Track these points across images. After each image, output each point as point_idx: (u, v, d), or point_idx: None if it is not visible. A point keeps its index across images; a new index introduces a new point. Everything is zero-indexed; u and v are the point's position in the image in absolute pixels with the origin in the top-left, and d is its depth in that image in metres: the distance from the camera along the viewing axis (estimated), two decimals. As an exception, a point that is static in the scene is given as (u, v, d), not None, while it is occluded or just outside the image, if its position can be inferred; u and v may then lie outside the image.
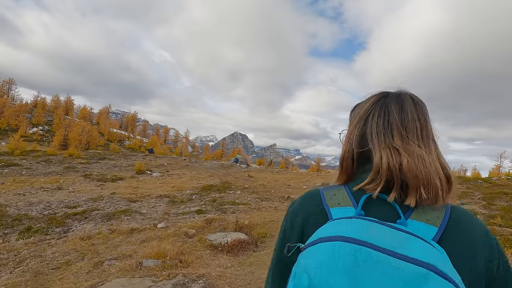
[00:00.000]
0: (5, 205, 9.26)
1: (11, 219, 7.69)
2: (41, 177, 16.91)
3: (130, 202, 10.22)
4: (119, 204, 9.79)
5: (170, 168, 23.00)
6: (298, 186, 16.58)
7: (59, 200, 10.36)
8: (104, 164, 23.84)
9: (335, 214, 0.69)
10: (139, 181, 15.96)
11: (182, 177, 17.89)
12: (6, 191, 11.92)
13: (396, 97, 0.78)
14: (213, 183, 15.25)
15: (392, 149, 0.70)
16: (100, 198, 10.77)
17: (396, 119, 0.73)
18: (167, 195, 11.77)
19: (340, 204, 0.71)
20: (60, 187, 13.50)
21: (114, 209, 8.95)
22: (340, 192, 0.75)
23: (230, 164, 26.39)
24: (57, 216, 8.11)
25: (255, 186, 14.72)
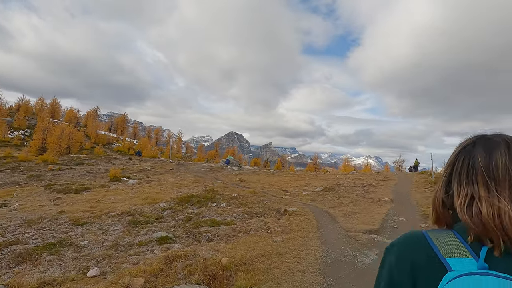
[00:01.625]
0: None
1: None
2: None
3: (76, 226, 7.57)
4: (57, 231, 7.14)
5: (152, 173, 20.29)
6: (297, 192, 14.03)
7: None
8: (79, 170, 21.06)
9: (455, 266, 0.65)
10: (108, 192, 13.27)
11: (162, 185, 15.23)
12: None
13: (485, 142, 0.75)
14: (195, 192, 12.62)
15: (472, 198, 0.69)
16: (40, 220, 8.10)
17: (480, 167, 0.71)
18: (132, 212, 9.13)
19: (456, 254, 0.67)
20: (5, 203, 10.77)
21: (42, 241, 6.31)
22: (451, 239, 0.70)
23: (221, 167, 23.75)
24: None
25: (245, 194, 12.15)
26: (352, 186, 15.58)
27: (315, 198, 12.48)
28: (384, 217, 8.66)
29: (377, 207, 10.19)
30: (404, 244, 0.75)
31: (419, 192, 13.38)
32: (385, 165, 51.33)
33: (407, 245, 0.74)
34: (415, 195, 12.66)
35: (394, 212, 9.44)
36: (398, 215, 9.08)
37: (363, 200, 11.48)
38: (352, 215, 9.16)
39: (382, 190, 13.95)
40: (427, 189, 14.27)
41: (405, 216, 8.90)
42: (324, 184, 16.39)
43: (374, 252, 5.87)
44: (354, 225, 7.79)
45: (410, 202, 11.10)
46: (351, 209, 10.07)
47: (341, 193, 13.46)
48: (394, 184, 16.66)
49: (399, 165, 42.69)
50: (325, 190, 14.16)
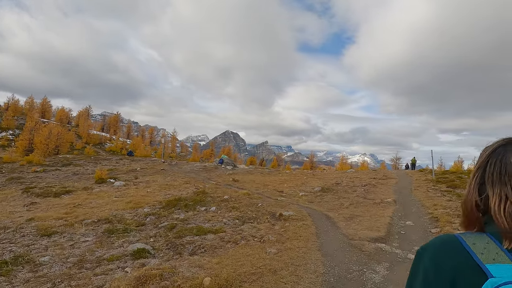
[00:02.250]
0: None
1: None
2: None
3: (42, 237, 6.61)
4: (18, 243, 6.17)
5: (141, 174, 19.28)
6: (293, 193, 13.15)
7: None
8: (65, 172, 19.97)
9: (496, 273, 0.64)
10: (90, 195, 12.27)
11: (150, 186, 14.26)
12: None
13: None
14: (184, 195, 11.68)
15: (506, 200, 0.70)
16: (2, 230, 7.12)
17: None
18: (110, 218, 8.17)
19: (496, 260, 0.66)
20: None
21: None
22: (490, 245, 0.69)
23: (214, 166, 22.80)
24: None
25: (238, 196, 11.25)
26: (351, 185, 14.76)
27: (313, 200, 11.61)
28: (389, 221, 7.82)
29: (381, 209, 9.35)
30: (440, 249, 0.73)
31: (422, 192, 12.59)
32: (382, 163, 50.77)
33: (443, 250, 0.72)
34: (418, 195, 11.86)
35: (400, 215, 8.61)
36: (404, 219, 8.25)
37: (364, 202, 10.64)
38: (354, 218, 8.31)
39: (383, 190, 13.14)
40: (429, 188, 13.49)
41: (412, 220, 8.07)
42: (322, 184, 15.54)
43: (384, 267, 5.01)
44: (357, 231, 6.93)
45: (415, 203, 10.29)
46: (352, 211, 9.22)
47: (340, 193, 12.62)
48: (394, 183, 15.88)
49: (396, 162, 42.19)
50: (323, 190, 13.31)
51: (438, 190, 12.83)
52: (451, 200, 10.20)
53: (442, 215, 8.00)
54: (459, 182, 14.17)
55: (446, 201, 10.04)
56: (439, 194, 11.62)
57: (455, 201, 10.01)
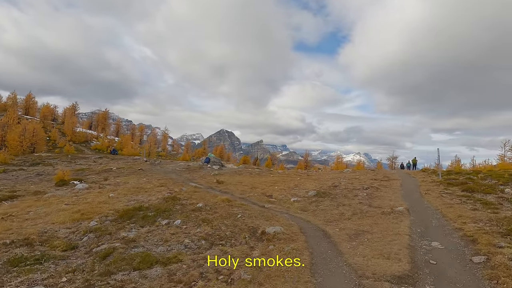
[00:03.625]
0: None
1: None
2: None
3: None
4: None
5: (115, 174, 17.01)
6: (284, 198, 11.04)
7: None
8: (29, 172, 17.61)
9: None
10: (37, 201, 10.02)
11: (116, 190, 12.03)
12: None
13: None
14: (150, 201, 9.50)
15: None
16: None
17: None
18: (32, 239, 5.99)
19: None
20: None
21: None
22: None
23: (199, 166, 20.58)
24: None
25: (216, 203, 9.12)
26: (351, 188, 12.71)
27: (306, 207, 9.52)
28: (408, 241, 5.75)
29: (392, 221, 7.29)
30: None
31: (435, 197, 10.57)
32: (378, 162, 49.01)
33: None
34: (432, 201, 9.83)
35: (419, 232, 6.55)
36: (427, 237, 6.19)
37: (370, 210, 8.57)
38: (361, 236, 6.24)
39: (389, 195, 11.10)
40: (442, 192, 11.49)
41: (438, 239, 6.01)
42: (318, 186, 13.47)
43: None
44: (368, 259, 4.86)
45: (432, 213, 8.24)
46: (356, 225, 7.15)
47: (339, 198, 10.55)
48: (399, 185, 13.87)
49: (393, 162, 40.50)
50: (319, 195, 11.22)
51: (453, 194, 10.83)
52: (476, 209, 8.18)
53: (477, 233, 5.96)
54: (474, 185, 12.20)
55: (471, 211, 8.01)
56: (458, 201, 9.60)
57: (483, 210, 7.99)
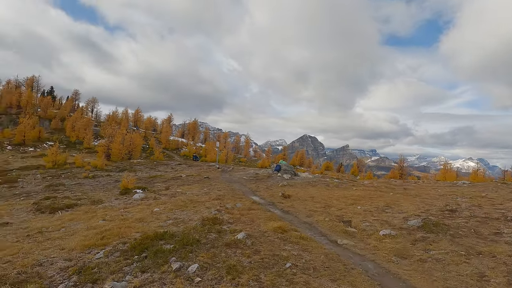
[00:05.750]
0: None
1: None
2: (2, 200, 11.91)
3: None
4: None
5: (181, 183, 16.16)
6: (369, 228, 7.44)
7: None
8: (112, 178, 18.51)
9: None
10: (84, 213, 9.26)
11: (167, 202, 10.61)
12: None
13: None
14: (185, 223, 7.47)
15: None
16: None
17: None
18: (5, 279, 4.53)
19: None
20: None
21: None
22: None
23: (268, 174, 18.19)
24: None
25: (264, 233, 6.41)
26: (482, 216, 8.04)
27: (406, 251, 5.81)
28: None
29: None
30: None
31: None
32: (506, 171, 37.23)
33: None
34: None
35: None
36: None
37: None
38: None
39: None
40: None
41: None
42: (421, 208, 9.19)
43: None
44: None
45: None
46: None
47: (467, 237, 6.35)
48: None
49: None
50: (426, 226, 7.16)
51: None
52: None
53: None
54: None
55: None
56: None
57: None
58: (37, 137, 39.65)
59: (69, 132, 44.98)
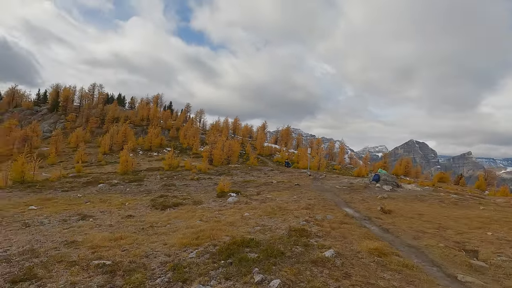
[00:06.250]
0: None
1: None
2: (120, 196, 14.79)
3: (11, 284, 4.53)
4: None
5: (272, 188, 16.35)
6: (505, 265, 5.57)
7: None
8: (212, 180, 20.39)
9: None
10: (187, 212, 10.34)
11: (256, 208, 10.79)
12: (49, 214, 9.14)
13: None
14: (272, 231, 7.30)
15: None
16: (29, 253, 5.77)
17: None
18: (119, 266, 5.29)
19: None
20: (93, 216, 9.92)
21: None
22: None
23: (364, 185, 16.44)
24: None
25: (357, 253, 5.55)
26: None
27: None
28: None
29: None
30: None
31: None
32: None
33: None
34: None
35: None
36: None
37: None
38: None
39: None
40: None
41: None
42: None
43: None
44: None
45: None
46: None
47: None
48: None
49: None
50: None
51: None
52: None
53: None
54: None
55: None
56: None
57: None
58: (160, 144, 47.83)
59: (182, 139, 52.50)
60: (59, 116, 59.69)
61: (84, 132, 49.51)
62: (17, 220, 9.06)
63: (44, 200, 13.33)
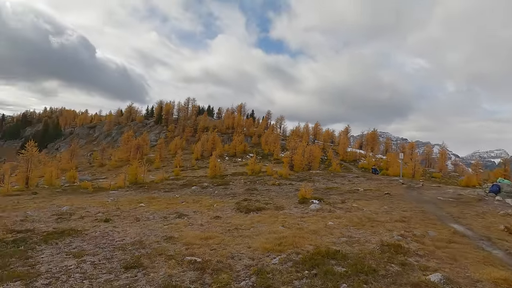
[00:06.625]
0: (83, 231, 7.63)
1: None
2: (210, 198, 16.02)
3: (125, 270, 5.29)
4: (103, 272, 5.16)
5: (358, 196, 15.08)
6: None
7: (121, 239, 7.51)
8: (293, 186, 20.20)
9: None
10: (268, 217, 10.40)
11: (342, 217, 10.04)
12: (152, 210, 10.83)
13: None
14: (361, 244, 6.56)
15: None
16: (129, 246, 6.73)
17: None
18: (208, 264, 5.57)
19: None
20: (183, 215, 11.06)
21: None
22: None
23: (478, 197, 13.43)
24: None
25: (475, 281, 4.42)
26: None
27: None
28: None
29: None
30: None
31: None
32: None
33: None
34: None
35: None
36: None
37: None
38: None
39: None
40: None
41: None
42: None
43: None
44: None
45: None
46: None
47: None
48: None
49: None
50: None
51: None
52: None
53: None
54: None
55: None
56: None
57: None
58: (243, 150, 50.52)
59: (263, 145, 54.23)
60: (162, 127, 69.94)
61: (181, 141, 56.45)
62: (131, 215, 10.78)
63: (151, 199, 15.56)
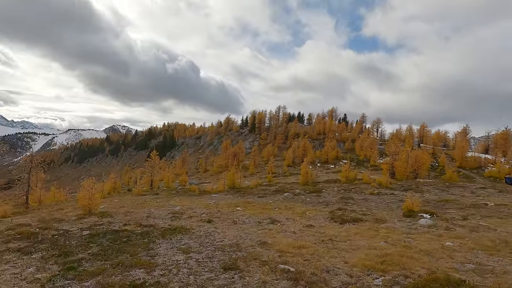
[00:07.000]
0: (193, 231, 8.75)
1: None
2: (302, 206, 15.69)
3: (225, 270, 5.60)
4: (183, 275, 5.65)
5: (487, 213, 12.12)
6: None
7: (219, 242, 8.19)
8: (395, 196, 17.84)
9: None
10: (367, 229, 9.38)
11: (466, 237, 8.13)
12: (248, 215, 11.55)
13: None
14: (484, 278, 5.08)
15: None
16: (224, 248, 7.11)
17: None
18: (301, 276, 5.30)
19: None
20: (276, 221, 11.21)
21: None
22: None
23: None
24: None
25: None
26: None
27: None
28: None
29: None
30: None
31: None
32: None
33: None
34: None
35: None
36: None
37: None
38: None
39: None
40: None
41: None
42: None
43: None
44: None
45: None
46: None
47: None
48: None
49: None
50: None
51: None
52: None
53: None
54: None
55: None
56: None
57: None
58: (336, 156, 48.22)
59: (358, 151, 50.47)
60: (255, 136, 74.06)
61: (273, 148, 58.30)
62: (229, 218, 11.60)
63: (246, 203, 16.45)
